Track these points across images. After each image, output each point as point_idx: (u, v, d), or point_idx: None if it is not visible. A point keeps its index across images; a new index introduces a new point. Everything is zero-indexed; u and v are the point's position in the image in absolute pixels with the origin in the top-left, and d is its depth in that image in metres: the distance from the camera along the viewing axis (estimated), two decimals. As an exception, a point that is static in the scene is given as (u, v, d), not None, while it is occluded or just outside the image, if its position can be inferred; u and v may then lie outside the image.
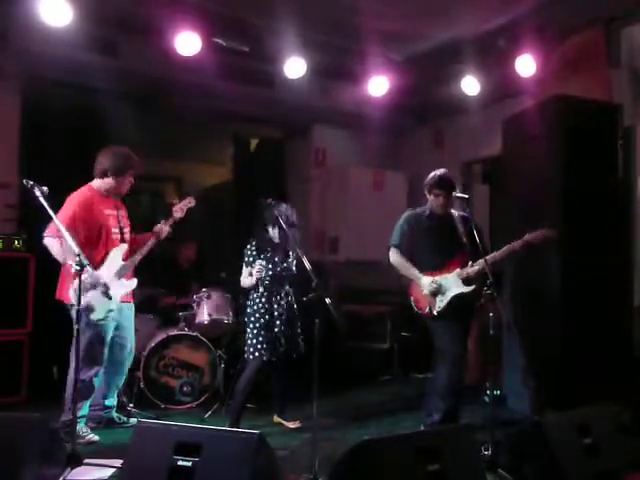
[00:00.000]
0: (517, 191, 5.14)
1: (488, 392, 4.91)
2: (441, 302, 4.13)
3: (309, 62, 5.46)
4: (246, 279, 4.38)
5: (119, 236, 4.20)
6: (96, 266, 3.95)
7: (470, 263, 4.12)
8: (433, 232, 4.27)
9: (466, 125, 6.73)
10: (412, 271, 4.25)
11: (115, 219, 4.21)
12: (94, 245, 4.04)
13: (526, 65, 5.34)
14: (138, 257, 4.24)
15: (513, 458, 3.39)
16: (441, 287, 4.12)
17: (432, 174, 4.29)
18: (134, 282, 4.22)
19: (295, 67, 5.45)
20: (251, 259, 4.38)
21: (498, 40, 5.36)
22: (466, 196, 4.10)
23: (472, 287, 4.10)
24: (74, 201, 4.06)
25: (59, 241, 3.94)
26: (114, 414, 4.39)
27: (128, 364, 4.41)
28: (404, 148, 7.85)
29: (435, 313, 4.14)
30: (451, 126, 7.17)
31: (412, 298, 4.30)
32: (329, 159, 7.59)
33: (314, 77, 5.71)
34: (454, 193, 4.16)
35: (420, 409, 4.86)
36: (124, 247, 4.18)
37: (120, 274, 4.09)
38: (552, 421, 3.33)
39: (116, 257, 4.11)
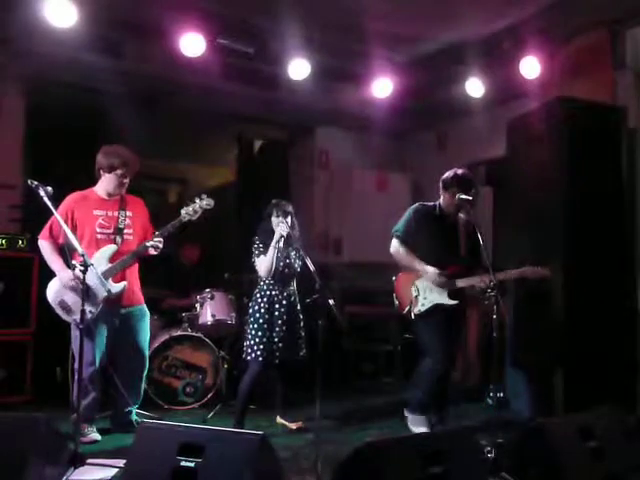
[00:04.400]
0: (521, 193, 5.13)
1: (491, 394, 4.91)
2: (422, 306, 4.12)
3: (313, 64, 5.46)
4: (262, 264, 4.26)
5: (107, 237, 4.08)
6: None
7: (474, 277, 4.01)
8: (438, 233, 4.19)
9: (470, 127, 6.72)
10: (415, 262, 4.15)
11: (108, 220, 4.11)
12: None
13: (530, 67, 5.32)
14: (128, 260, 4.08)
15: (516, 461, 3.38)
16: (446, 280, 4.05)
17: (452, 171, 4.18)
18: (122, 285, 4.05)
19: (299, 69, 5.45)
20: (262, 249, 4.31)
21: (502, 42, 5.35)
22: (470, 198, 4.07)
23: (456, 302, 4.08)
24: (62, 203, 4.04)
25: (51, 245, 4.00)
26: (134, 417, 4.32)
27: (140, 369, 4.29)
28: (408, 150, 7.85)
29: (413, 316, 4.14)
30: (455, 128, 7.16)
31: (395, 295, 4.29)
32: (333, 161, 7.59)
33: (318, 79, 5.70)
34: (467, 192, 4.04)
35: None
36: (112, 248, 4.05)
37: (106, 275, 3.97)
38: (555, 424, 3.32)
39: (102, 258, 4.00)
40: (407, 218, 4.24)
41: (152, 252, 4.17)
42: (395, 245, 4.23)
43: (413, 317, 4.15)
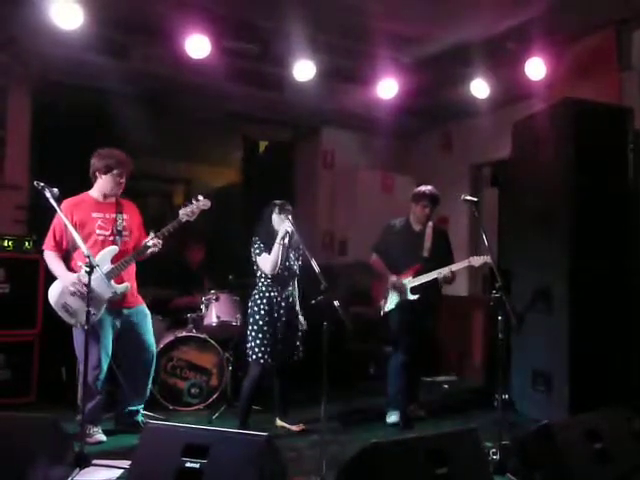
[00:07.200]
0: (527, 194, 5.12)
1: (496, 396, 4.90)
2: (391, 303, 4.78)
3: (318, 64, 5.46)
4: (268, 260, 4.23)
5: (105, 238, 4.07)
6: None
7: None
8: (404, 241, 4.83)
9: (475, 128, 6.72)
10: (384, 271, 4.84)
11: (106, 222, 4.10)
12: (75, 247, 3.98)
13: (536, 68, 5.31)
14: (130, 261, 4.09)
15: (522, 463, 3.37)
16: (404, 287, 4.73)
17: (421, 187, 4.87)
18: (125, 286, 4.07)
19: (304, 69, 5.44)
20: (262, 247, 4.29)
21: (508, 43, 5.34)
22: (475, 199, 4.10)
23: (416, 296, 4.66)
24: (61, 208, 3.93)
25: (57, 254, 4.02)
26: (139, 418, 4.32)
27: (148, 369, 4.29)
28: (413, 151, 7.85)
29: (382, 314, 4.84)
30: (460, 129, 7.16)
31: (373, 296, 5.01)
32: (338, 161, 7.59)
33: (323, 79, 5.70)
34: (434, 206, 4.77)
35: (427, 413, 4.88)
36: (114, 250, 4.05)
37: (109, 276, 3.97)
38: (561, 425, 3.31)
39: (105, 259, 3.99)
40: (381, 235, 5.03)
41: (151, 252, 4.18)
42: (373, 258, 5.01)
43: (382, 314, 4.85)
